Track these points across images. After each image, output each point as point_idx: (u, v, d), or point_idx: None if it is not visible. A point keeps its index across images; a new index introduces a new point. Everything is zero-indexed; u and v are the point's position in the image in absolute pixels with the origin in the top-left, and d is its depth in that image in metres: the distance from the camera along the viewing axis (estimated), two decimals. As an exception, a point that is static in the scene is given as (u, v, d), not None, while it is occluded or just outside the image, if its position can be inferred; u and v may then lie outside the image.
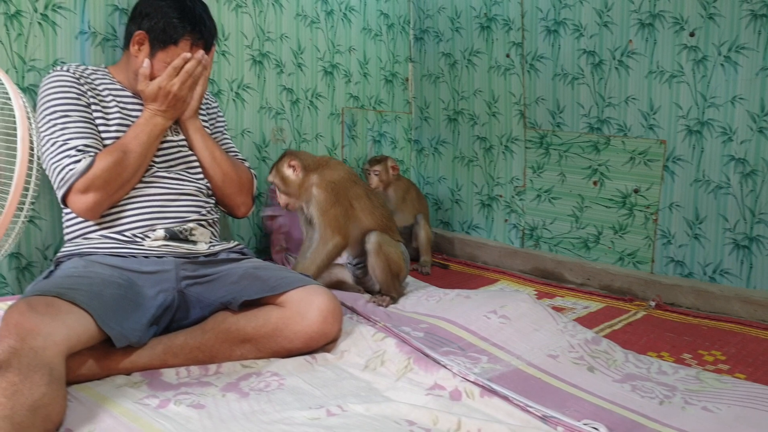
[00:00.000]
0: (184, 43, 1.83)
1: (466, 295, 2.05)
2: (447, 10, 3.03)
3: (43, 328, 1.30)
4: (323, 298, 1.66)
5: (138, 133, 1.78)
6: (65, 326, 1.35)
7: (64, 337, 1.33)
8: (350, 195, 2.13)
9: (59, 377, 1.28)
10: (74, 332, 1.37)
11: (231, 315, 1.66)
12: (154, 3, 1.84)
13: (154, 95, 1.80)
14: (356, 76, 3.00)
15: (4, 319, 1.33)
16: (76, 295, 1.43)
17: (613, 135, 2.53)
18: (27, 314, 1.31)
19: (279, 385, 1.51)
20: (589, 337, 1.82)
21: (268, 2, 2.60)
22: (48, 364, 1.26)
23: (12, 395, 1.17)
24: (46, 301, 1.38)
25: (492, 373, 1.59)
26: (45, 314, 1.33)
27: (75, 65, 1.86)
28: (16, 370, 1.21)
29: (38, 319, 1.31)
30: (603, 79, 2.53)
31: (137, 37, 1.83)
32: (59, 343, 1.31)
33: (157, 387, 1.49)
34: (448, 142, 3.10)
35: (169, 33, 1.82)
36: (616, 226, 2.56)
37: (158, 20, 1.82)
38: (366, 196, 2.17)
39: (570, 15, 2.60)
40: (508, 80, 2.84)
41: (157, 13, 1.82)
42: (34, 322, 1.30)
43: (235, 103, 2.56)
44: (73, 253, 1.75)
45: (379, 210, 2.18)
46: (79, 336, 1.38)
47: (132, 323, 1.53)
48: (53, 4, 2.01)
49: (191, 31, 1.84)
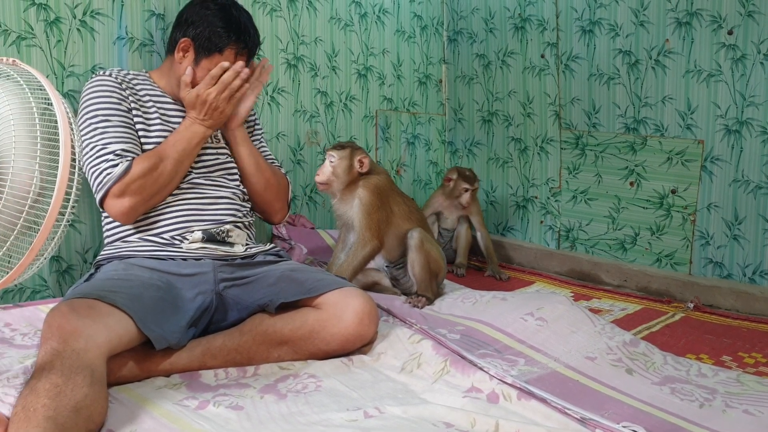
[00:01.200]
0: (228, 52, 1.85)
1: (502, 298, 2.04)
2: (480, 11, 3.02)
3: (85, 330, 1.32)
4: (359, 300, 1.67)
5: (177, 140, 1.80)
6: (106, 328, 1.37)
7: (106, 339, 1.36)
8: (391, 201, 2.15)
9: (101, 379, 1.30)
10: (115, 334, 1.39)
11: (268, 317, 1.67)
12: (200, 11, 1.86)
13: (193, 103, 1.82)
14: (390, 78, 3.01)
15: (47, 322, 1.37)
16: (116, 297, 1.46)
17: (649, 135, 2.50)
18: (69, 316, 1.34)
19: (316, 386, 1.53)
20: (627, 339, 1.80)
21: (302, 6, 2.62)
22: (90, 366, 1.28)
23: (55, 396, 1.20)
24: (88, 303, 1.41)
25: (529, 375, 1.58)
26: (86, 317, 1.36)
27: (117, 70, 1.89)
28: (59, 372, 1.23)
29: (80, 322, 1.34)
30: (639, 79, 2.50)
31: (182, 44, 1.85)
32: (101, 345, 1.34)
33: (196, 388, 1.51)
34: (483, 144, 3.09)
35: (214, 41, 1.84)
36: (654, 227, 2.53)
37: (204, 28, 1.84)
38: (403, 202, 2.20)
39: (605, 15, 2.57)
40: (543, 81, 2.82)
41: (202, 22, 1.84)
42: (76, 325, 1.33)
43: (270, 106, 2.58)
44: (112, 256, 1.78)
45: (415, 215, 2.21)
46: (120, 338, 1.41)
47: (171, 325, 1.56)
48: (92, 10, 2.05)
49: (236, 41, 1.86)
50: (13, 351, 1.61)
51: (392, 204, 2.16)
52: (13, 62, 1.23)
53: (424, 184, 3.18)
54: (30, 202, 1.13)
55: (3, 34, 1.89)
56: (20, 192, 1.14)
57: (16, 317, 1.80)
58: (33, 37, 1.94)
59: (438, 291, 2.18)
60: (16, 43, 1.91)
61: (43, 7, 1.95)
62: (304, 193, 2.75)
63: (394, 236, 2.16)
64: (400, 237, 2.17)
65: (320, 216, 2.81)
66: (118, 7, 2.10)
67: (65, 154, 1.13)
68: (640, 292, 2.48)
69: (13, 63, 1.23)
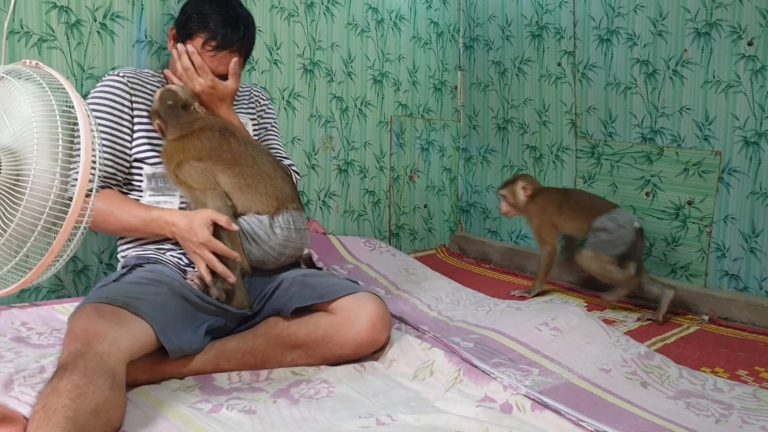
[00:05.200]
0: (197, 39, 1.81)
1: (516, 307, 2.03)
2: (497, 18, 3.02)
3: (109, 334, 1.33)
4: (373, 305, 1.67)
5: (143, 219, 1.73)
6: (130, 334, 1.38)
7: (128, 345, 1.36)
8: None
9: (121, 383, 1.30)
10: (138, 340, 1.40)
11: (282, 320, 1.67)
12: (191, 1, 1.87)
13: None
14: (405, 84, 3.01)
15: (72, 322, 1.38)
16: (140, 306, 1.46)
17: (666, 146, 2.49)
18: (94, 319, 1.35)
19: (329, 392, 1.52)
20: (642, 351, 1.79)
21: (319, 11, 2.63)
22: (111, 370, 1.28)
23: (76, 397, 1.20)
24: (113, 309, 1.42)
25: (543, 385, 1.57)
26: (111, 321, 1.37)
27: (131, 69, 1.90)
28: (81, 373, 1.23)
29: (104, 325, 1.34)
30: (656, 89, 2.49)
31: (171, 31, 1.90)
32: (123, 350, 1.34)
33: (209, 391, 1.51)
34: (497, 151, 3.09)
35: (187, 26, 1.82)
36: (669, 238, 2.51)
37: (183, 15, 1.85)
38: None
39: (623, 24, 2.56)
40: (559, 89, 2.81)
41: (186, 9, 1.86)
42: (100, 328, 1.33)
43: (286, 111, 2.59)
44: (142, 257, 1.78)
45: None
46: (142, 344, 1.42)
47: (190, 334, 1.56)
48: (112, 13, 2.07)
49: (205, 29, 1.81)
50: (29, 350, 1.62)
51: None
52: (36, 65, 1.24)
53: (438, 191, 3.18)
54: (50, 204, 1.14)
55: (25, 36, 1.90)
56: (41, 193, 1.14)
57: (32, 316, 1.81)
58: (54, 39, 1.96)
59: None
60: (37, 45, 1.93)
61: (65, 10, 1.97)
62: (318, 198, 2.75)
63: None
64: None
65: (334, 221, 2.81)
66: (138, 11, 2.11)
67: (86, 157, 1.14)
68: (655, 304, 2.46)
69: (36, 65, 1.23)
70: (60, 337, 1.72)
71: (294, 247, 1.78)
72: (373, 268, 2.51)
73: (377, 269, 2.50)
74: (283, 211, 1.74)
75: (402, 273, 2.49)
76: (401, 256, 2.69)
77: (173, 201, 1.81)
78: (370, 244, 2.71)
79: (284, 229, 1.73)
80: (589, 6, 2.67)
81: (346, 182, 2.85)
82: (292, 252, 1.78)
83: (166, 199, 1.82)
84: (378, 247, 2.70)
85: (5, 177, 1.16)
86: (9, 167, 1.17)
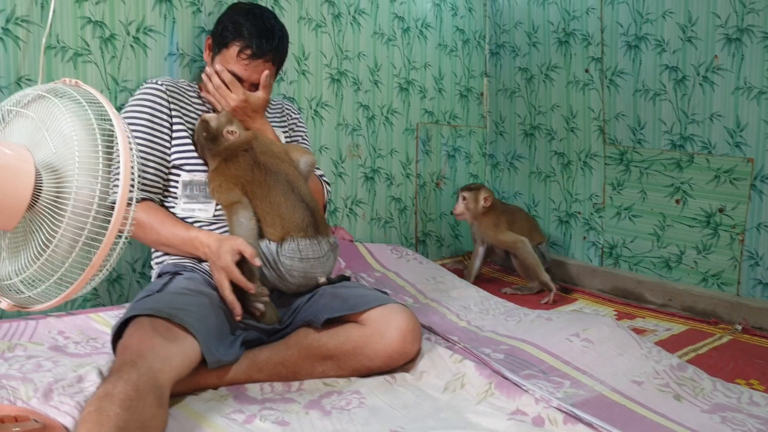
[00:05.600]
0: (233, 47, 1.86)
1: (547, 317, 2.03)
2: (524, 25, 3.01)
3: (162, 351, 1.36)
4: (403, 317, 1.67)
5: (181, 238, 1.78)
6: (181, 352, 1.41)
7: (179, 364, 1.39)
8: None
9: (166, 401, 1.32)
10: (187, 358, 1.43)
11: (313, 331, 1.68)
12: (226, 12, 1.94)
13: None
14: (431, 91, 3.02)
15: (127, 333, 1.41)
16: (186, 317, 1.49)
17: (696, 152, 2.47)
18: (150, 333, 1.39)
19: (360, 403, 1.53)
20: (675, 363, 1.78)
21: (346, 21, 2.65)
22: (160, 387, 1.30)
23: (128, 408, 1.21)
24: (166, 325, 1.45)
25: (575, 398, 1.57)
26: (165, 337, 1.40)
27: (169, 78, 1.96)
28: (134, 386, 1.25)
29: (158, 341, 1.37)
30: (686, 96, 2.47)
31: (207, 41, 1.95)
32: (174, 369, 1.37)
33: (242, 401, 1.53)
34: (524, 157, 3.08)
35: (223, 35, 1.88)
36: (700, 245, 2.49)
37: (219, 25, 1.91)
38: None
39: (652, 30, 2.55)
40: (586, 95, 2.80)
41: (222, 19, 1.92)
42: (155, 343, 1.36)
43: (314, 120, 2.60)
44: (183, 265, 1.80)
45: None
46: (190, 362, 1.45)
47: (227, 346, 1.58)
48: (145, 27, 2.10)
49: (241, 37, 1.85)
50: (66, 359, 1.64)
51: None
52: (76, 83, 1.26)
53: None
54: (91, 220, 1.16)
55: (61, 51, 1.94)
56: (82, 209, 1.16)
57: (68, 325, 1.84)
58: (89, 54, 1.99)
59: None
60: (72, 60, 1.96)
61: (99, 25, 2.00)
62: (345, 206, 2.76)
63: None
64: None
65: (360, 229, 2.83)
66: (170, 24, 2.14)
67: (125, 174, 1.16)
68: (685, 312, 2.45)
69: (76, 84, 1.26)
70: (96, 346, 1.75)
71: (302, 276, 1.75)
72: (401, 276, 2.51)
73: (405, 277, 2.50)
74: (289, 240, 1.73)
75: (430, 281, 2.49)
76: (428, 263, 2.69)
77: (208, 208, 1.84)
78: (397, 251, 2.71)
79: (289, 258, 1.73)
80: (616, 12, 2.65)
81: (373, 189, 2.86)
82: (301, 281, 1.76)
83: (201, 207, 1.84)
84: (405, 254, 2.71)
85: (47, 193, 1.19)
86: (50, 184, 1.19)
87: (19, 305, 1.24)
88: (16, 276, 1.21)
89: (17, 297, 1.23)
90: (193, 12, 2.18)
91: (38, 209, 1.19)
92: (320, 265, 1.77)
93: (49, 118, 1.23)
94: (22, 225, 1.21)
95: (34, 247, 1.19)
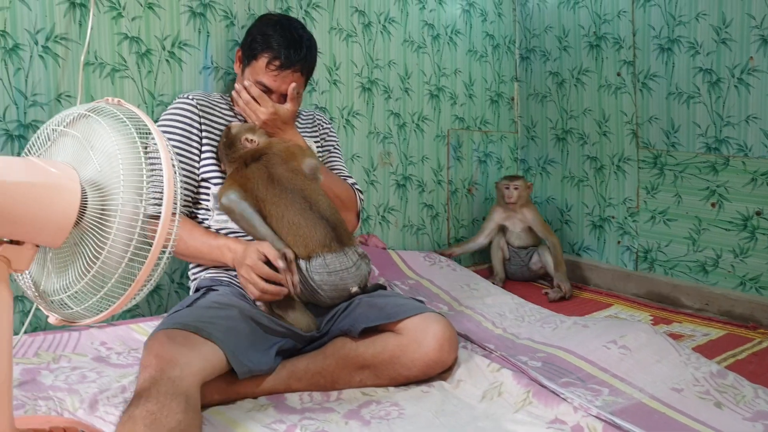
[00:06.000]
0: (262, 59, 1.89)
1: (583, 324, 2.02)
2: (554, 29, 3.00)
3: (181, 359, 1.38)
4: (439, 326, 1.68)
5: (209, 245, 1.81)
6: (201, 357, 1.43)
7: (200, 368, 1.41)
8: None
9: (195, 405, 1.35)
10: (209, 363, 1.45)
11: (350, 341, 1.70)
12: (254, 23, 1.99)
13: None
14: (462, 97, 3.02)
15: (146, 348, 1.43)
16: (211, 330, 1.51)
17: (732, 155, 2.44)
18: (167, 345, 1.41)
19: (399, 413, 1.54)
20: (714, 370, 1.76)
21: (377, 30, 2.66)
22: (184, 393, 1.33)
23: (151, 424, 1.25)
24: (185, 334, 1.47)
25: (614, 406, 1.56)
26: (183, 345, 1.42)
27: (200, 92, 2.00)
28: (155, 400, 1.28)
29: (177, 350, 1.40)
30: (721, 98, 2.45)
31: (237, 53, 2.00)
32: (196, 373, 1.39)
33: (282, 410, 1.55)
34: (557, 162, 3.07)
35: (252, 47, 1.91)
36: (737, 249, 2.46)
37: (248, 37, 1.95)
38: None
39: (685, 32, 2.52)
40: (619, 99, 2.78)
41: (251, 31, 1.96)
42: (173, 353, 1.39)
43: (346, 129, 2.62)
44: (219, 279, 1.84)
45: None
46: (213, 367, 1.46)
47: (260, 355, 1.60)
48: (180, 41, 2.13)
49: (269, 48, 1.88)
50: (110, 370, 1.68)
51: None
52: (118, 102, 1.29)
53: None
54: (136, 235, 1.19)
55: (99, 67, 1.98)
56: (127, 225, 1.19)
57: (110, 336, 1.88)
58: (126, 69, 2.03)
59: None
60: (110, 75, 2.00)
61: (135, 40, 2.04)
62: (377, 213, 2.78)
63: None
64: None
65: (393, 236, 2.84)
66: (204, 38, 2.18)
67: (168, 191, 1.18)
68: (722, 317, 2.42)
69: (118, 103, 1.29)
70: (137, 357, 1.78)
71: (334, 289, 1.75)
72: (434, 283, 2.52)
73: (438, 284, 2.51)
74: (315, 257, 1.74)
75: (464, 288, 2.49)
76: (462, 270, 2.69)
77: None
78: (430, 258, 2.72)
79: (318, 274, 1.73)
80: (648, 15, 2.63)
81: (405, 197, 2.87)
82: (334, 294, 1.76)
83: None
84: (438, 261, 2.71)
85: (92, 210, 1.22)
86: (95, 201, 1.22)
87: (66, 320, 1.27)
88: (64, 292, 1.24)
89: (65, 312, 1.26)
90: (227, 26, 2.22)
91: (84, 226, 1.22)
92: (349, 276, 1.77)
93: (93, 137, 1.25)
94: (69, 242, 1.24)
95: (81, 263, 1.22)
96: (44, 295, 1.29)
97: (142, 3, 2.05)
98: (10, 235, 1.16)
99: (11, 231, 1.16)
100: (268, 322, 1.68)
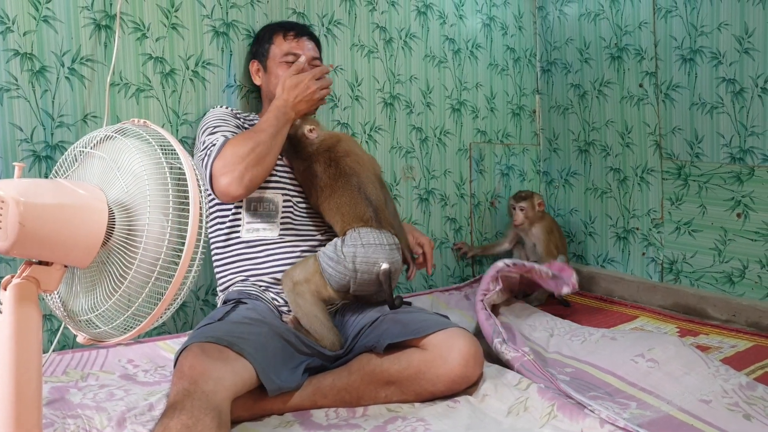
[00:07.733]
0: (278, 39, 2.07)
1: (611, 337, 2.00)
2: (575, 41, 3.00)
3: (214, 373, 1.39)
4: (464, 341, 1.68)
5: (266, 118, 1.85)
6: (233, 372, 1.44)
7: (232, 383, 1.42)
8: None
9: (226, 421, 1.36)
10: (240, 378, 1.46)
11: (375, 357, 1.70)
12: (258, 31, 2.20)
13: (293, 85, 1.89)
14: (483, 111, 3.02)
15: (180, 361, 1.45)
16: (244, 345, 1.53)
17: (757, 165, 2.42)
18: (200, 358, 1.42)
19: (425, 429, 1.54)
20: (744, 382, 1.73)
21: (398, 46, 2.68)
22: (217, 407, 1.34)
23: None
24: (218, 348, 1.48)
25: (641, 419, 1.54)
26: (216, 359, 1.43)
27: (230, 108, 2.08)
28: (189, 413, 1.30)
29: (210, 364, 1.41)
30: (744, 108, 2.43)
31: (252, 67, 2.13)
32: (228, 388, 1.40)
33: (309, 427, 1.55)
34: (580, 174, 3.06)
35: (263, 42, 2.10)
36: (764, 259, 2.43)
37: (255, 43, 2.16)
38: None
39: (707, 43, 2.51)
40: (641, 110, 2.77)
41: (257, 37, 2.16)
42: (206, 367, 1.40)
43: (368, 144, 2.64)
44: (247, 293, 1.86)
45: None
46: (244, 382, 1.47)
47: (288, 373, 1.61)
48: (203, 61, 2.17)
49: (278, 27, 2.09)
50: (137, 388, 1.70)
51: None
52: (144, 123, 1.32)
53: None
54: (163, 255, 1.20)
55: (124, 87, 2.02)
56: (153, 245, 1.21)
57: (137, 353, 1.90)
58: (150, 89, 2.07)
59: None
60: (135, 95, 2.04)
61: (160, 61, 2.08)
62: (401, 227, 2.78)
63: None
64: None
65: (417, 250, 2.83)
66: (227, 57, 2.21)
67: (194, 211, 1.20)
68: (750, 328, 2.38)
69: (144, 124, 1.31)
70: (164, 374, 1.80)
71: (363, 262, 1.74)
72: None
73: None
74: (350, 231, 1.79)
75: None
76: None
77: (273, 227, 1.89)
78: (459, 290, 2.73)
79: (351, 246, 1.76)
80: (670, 26, 2.62)
81: (428, 211, 2.87)
82: (364, 267, 1.74)
83: (265, 226, 1.90)
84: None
85: (119, 231, 1.24)
86: (122, 221, 1.24)
87: (94, 339, 1.29)
88: (92, 312, 1.26)
89: (93, 331, 1.28)
90: (249, 44, 2.25)
91: (111, 246, 1.24)
92: (382, 251, 1.76)
93: (120, 158, 1.28)
94: (96, 262, 1.26)
95: (108, 283, 1.24)
96: (72, 314, 1.31)
97: (166, 23, 2.08)
98: (39, 256, 1.19)
99: (40, 252, 1.18)
100: (296, 341, 1.69)
